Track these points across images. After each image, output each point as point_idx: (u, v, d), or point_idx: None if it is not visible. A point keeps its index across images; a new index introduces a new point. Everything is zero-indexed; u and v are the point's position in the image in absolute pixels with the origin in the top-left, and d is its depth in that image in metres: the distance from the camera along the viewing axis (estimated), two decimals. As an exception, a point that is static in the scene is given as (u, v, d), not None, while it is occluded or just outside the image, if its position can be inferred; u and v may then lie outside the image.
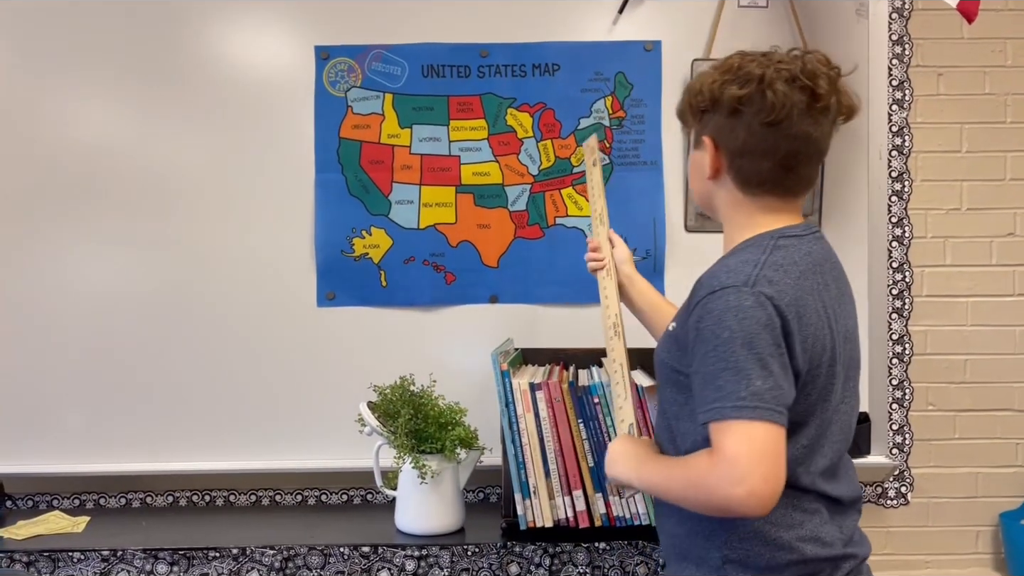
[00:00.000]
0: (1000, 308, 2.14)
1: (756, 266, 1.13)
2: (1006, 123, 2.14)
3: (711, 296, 1.11)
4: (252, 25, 2.03)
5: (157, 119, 2.02)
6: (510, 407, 1.67)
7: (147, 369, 2.02)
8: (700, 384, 1.11)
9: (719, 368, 1.08)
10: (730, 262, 1.16)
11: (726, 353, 1.07)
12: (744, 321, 1.07)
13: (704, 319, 1.11)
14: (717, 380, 1.07)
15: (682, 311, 1.22)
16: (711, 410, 1.07)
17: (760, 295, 1.09)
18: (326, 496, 2.07)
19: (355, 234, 2.03)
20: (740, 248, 1.20)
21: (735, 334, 1.07)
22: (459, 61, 2.03)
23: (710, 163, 1.22)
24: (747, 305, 1.08)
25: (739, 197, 1.22)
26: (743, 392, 1.05)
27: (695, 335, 1.12)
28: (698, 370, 1.11)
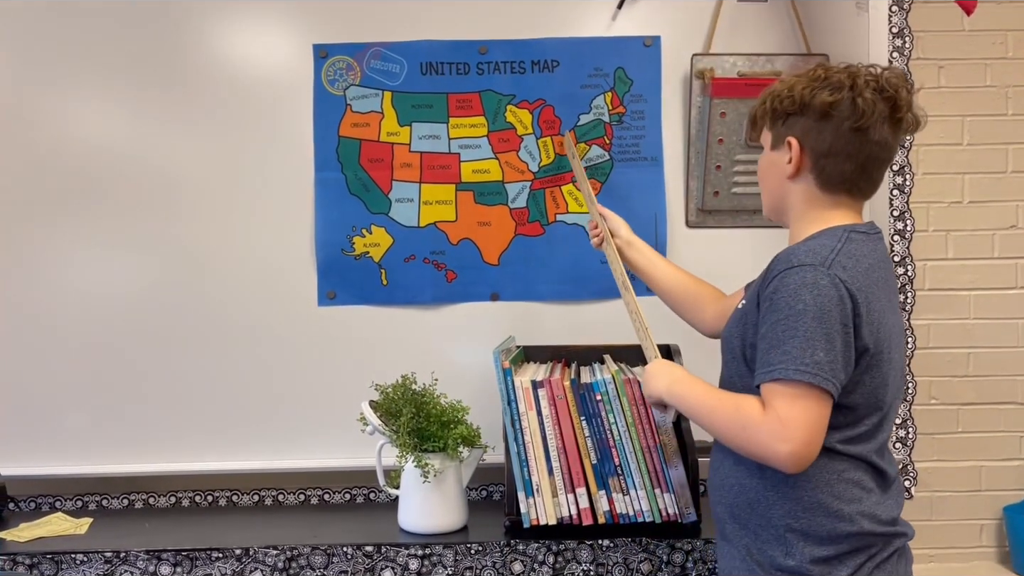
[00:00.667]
0: (1003, 301, 2.14)
1: (832, 251, 1.22)
2: (1007, 115, 2.13)
3: (789, 271, 1.20)
4: (250, 24, 2.02)
5: (155, 119, 2.01)
6: (512, 405, 1.66)
7: (148, 370, 2.02)
8: (765, 348, 1.20)
9: (787, 335, 1.17)
10: (809, 244, 1.25)
11: (796, 323, 1.17)
12: (819, 297, 1.17)
13: (780, 291, 1.20)
14: (784, 345, 1.17)
15: (753, 288, 1.31)
16: (772, 370, 1.18)
17: (835, 277, 1.18)
18: (329, 495, 2.07)
19: (355, 233, 2.03)
20: (814, 236, 1.28)
21: (808, 307, 1.17)
22: (458, 58, 2.03)
23: (793, 163, 1.31)
24: (823, 283, 1.18)
25: (817, 195, 1.32)
26: (807, 359, 1.15)
27: (768, 305, 1.21)
28: (765, 335, 1.21)
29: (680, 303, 1.70)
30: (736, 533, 1.32)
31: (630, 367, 1.84)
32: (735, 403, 1.25)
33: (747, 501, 1.29)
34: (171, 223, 2.02)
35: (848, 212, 1.32)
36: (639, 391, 1.66)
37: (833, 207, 1.31)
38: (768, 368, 1.19)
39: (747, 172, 2.01)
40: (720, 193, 2.03)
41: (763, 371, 1.20)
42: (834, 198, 1.31)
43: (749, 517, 1.29)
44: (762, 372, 1.20)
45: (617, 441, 1.65)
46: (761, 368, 1.21)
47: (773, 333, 1.20)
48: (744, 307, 1.33)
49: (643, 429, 1.66)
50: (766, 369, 1.19)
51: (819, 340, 1.16)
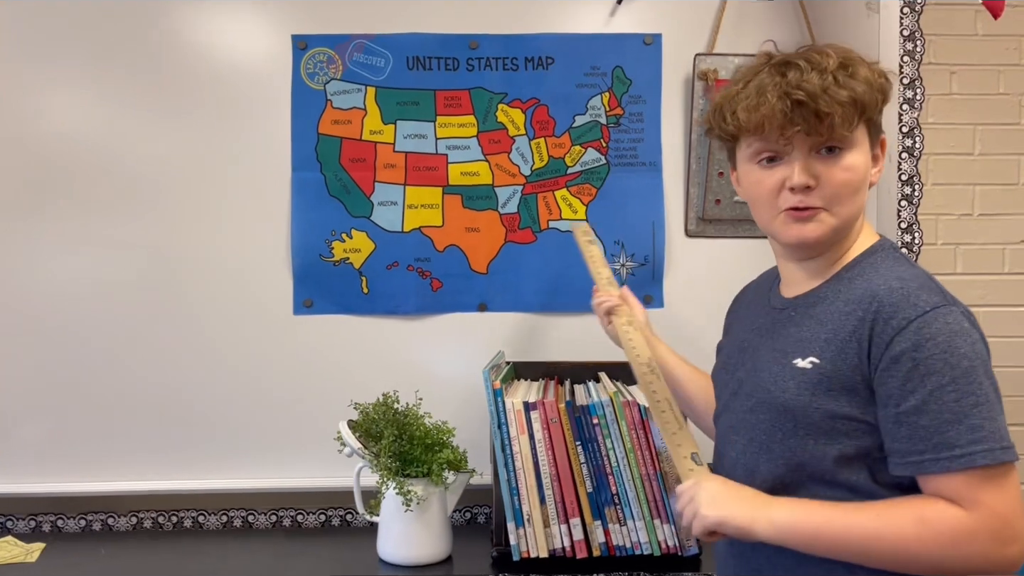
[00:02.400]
0: (1013, 318, 2.05)
1: (931, 279, 1.02)
2: (1020, 125, 2.04)
3: (925, 318, 0.96)
4: (224, 12, 1.88)
5: (122, 111, 1.87)
6: (503, 428, 1.55)
7: (109, 379, 1.88)
8: (934, 426, 0.94)
9: (969, 403, 0.93)
10: (902, 276, 1.01)
11: (970, 385, 0.94)
12: (975, 345, 0.96)
13: (924, 347, 0.95)
14: (968, 419, 0.93)
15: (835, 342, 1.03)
16: (973, 455, 0.92)
17: (968, 314, 0.99)
18: (303, 517, 1.94)
19: (335, 237, 1.90)
20: (876, 263, 1.06)
21: (974, 362, 0.94)
22: (447, 53, 1.90)
23: (881, 170, 1.09)
24: (967, 326, 0.97)
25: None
26: (1000, 430, 0.94)
27: (910, 366, 0.95)
28: (925, 408, 0.94)
29: (704, 411, 1.35)
30: None
31: (626, 386, 1.73)
32: (914, 515, 0.95)
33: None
34: (137, 222, 1.88)
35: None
36: (638, 414, 1.55)
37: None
38: (956, 452, 0.93)
39: (751, 180, 1.90)
40: (722, 201, 1.92)
41: (949, 456, 0.93)
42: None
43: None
44: (948, 458, 0.93)
45: (614, 468, 1.54)
46: (940, 452, 0.93)
47: (940, 404, 0.94)
48: (820, 367, 1.02)
49: (642, 455, 1.55)
50: (951, 453, 0.93)
51: (997, 401, 0.95)
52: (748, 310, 1.27)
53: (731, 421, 1.16)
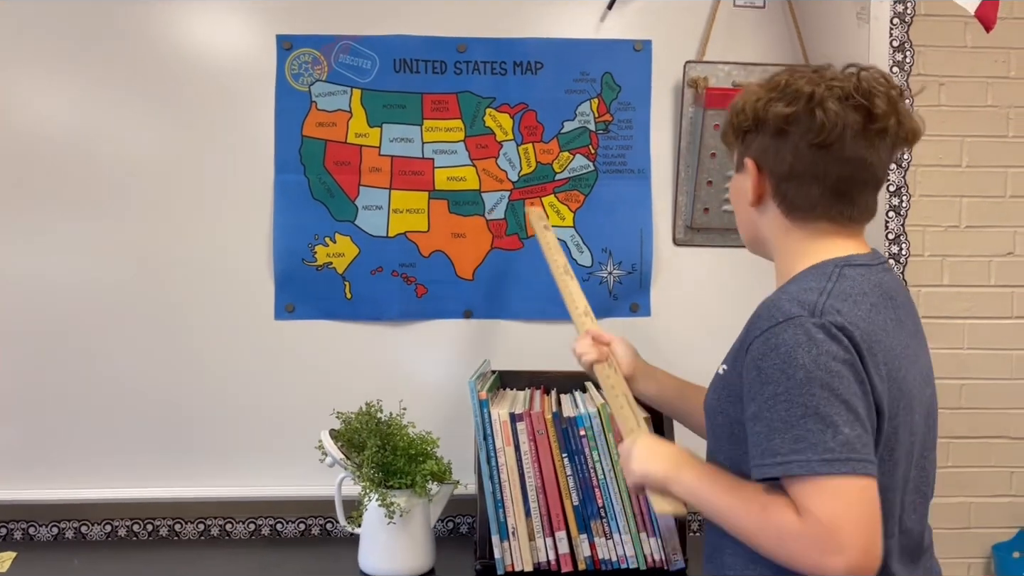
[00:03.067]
0: (998, 331, 2.05)
1: (821, 294, 1.01)
2: (1008, 137, 2.05)
3: (774, 329, 0.98)
4: (208, 9, 1.84)
5: (101, 109, 1.82)
6: (488, 440, 1.52)
7: (84, 384, 1.83)
8: (764, 432, 0.96)
9: (795, 415, 0.94)
10: (790, 289, 1.04)
11: (802, 396, 0.94)
12: (820, 357, 0.95)
13: (768, 356, 0.97)
14: (794, 429, 0.94)
15: (734, 349, 1.09)
16: (789, 463, 0.93)
17: (831, 326, 0.97)
18: (282, 526, 1.90)
19: (318, 241, 1.87)
20: (798, 278, 1.08)
21: (811, 373, 0.94)
22: (434, 56, 1.87)
23: (752, 188, 1.12)
24: (819, 338, 0.96)
25: (786, 224, 1.11)
26: (830, 443, 0.92)
27: (755, 374, 0.98)
28: (760, 415, 0.97)
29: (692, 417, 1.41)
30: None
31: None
32: (760, 504, 0.98)
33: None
34: (115, 222, 1.84)
35: (836, 242, 1.09)
36: (626, 426, 1.53)
37: (813, 237, 1.10)
38: (780, 461, 0.94)
39: (740, 189, 1.89)
40: (710, 210, 1.91)
41: (770, 463, 0.95)
42: (811, 226, 1.10)
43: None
44: (770, 464, 0.95)
45: (601, 481, 1.52)
46: (766, 458, 0.96)
47: (771, 412, 0.96)
48: (726, 373, 1.09)
49: (629, 468, 1.52)
50: (774, 461, 0.95)
51: (838, 412, 0.93)
52: None
53: None
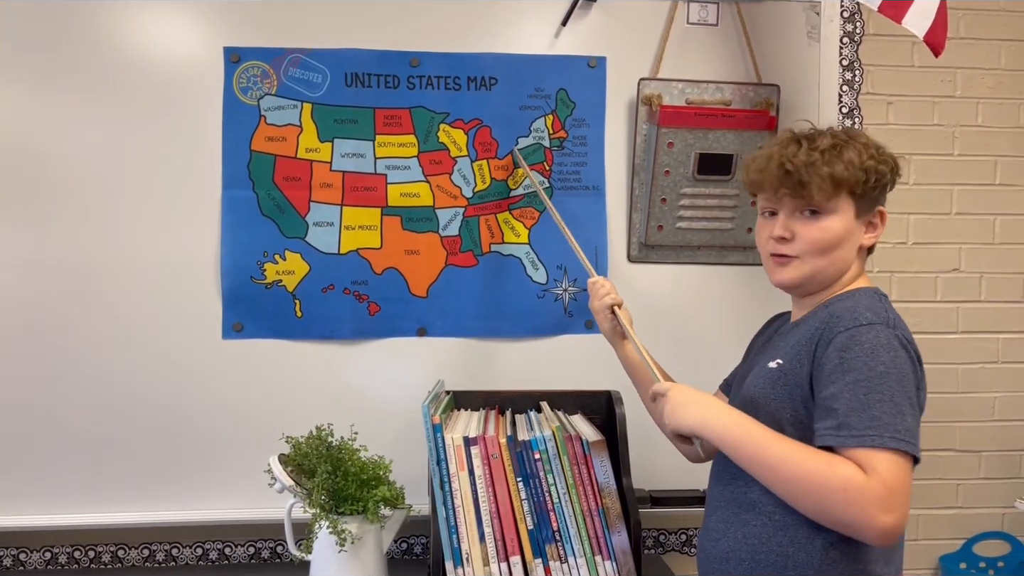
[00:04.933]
0: (943, 345, 2.09)
1: (888, 311, 1.19)
2: (953, 155, 2.09)
3: (860, 328, 1.14)
4: (153, 19, 1.79)
5: (41, 118, 1.76)
6: (442, 465, 1.50)
7: (20, 405, 1.77)
8: (843, 410, 1.11)
9: (874, 398, 1.10)
10: (862, 302, 1.19)
11: (881, 386, 1.10)
12: (896, 359, 1.12)
13: (852, 349, 1.13)
14: (870, 410, 1.09)
15: (796, 345, 1.22)
16: (864, 436, 1.08)
17: (903, 338, 1.15)
18: (230, 549, 1.86)
19: (267, 258, 1.82)
20: (853, 295, 1.23)
21: (889, 369, 1.11)
22: (387, 70, 1.84)
23: (880, 232, 1.30)
24: (895, 344, 1.13)
25: (862, 260, 1.29)
26: (899, 426, 1.08)
27: (837, 363, 1.13)
28: (839, 396, 1.12)
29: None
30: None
31: (568, 416, 1.70)
32: (827, 459, 1.11)
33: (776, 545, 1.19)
34: (53, 235, 1.77)
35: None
36: (581, 449, 1.52)
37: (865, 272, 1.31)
38: (853, 432, 1.09)
39: (693, 207, 1.89)
40: (664, 228, 1.91)
41: (846, 435, 1.10)
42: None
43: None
44: (845, 436, 1.10)
45: (556, 504, 1.51)
46: (842, 431, 1.10)
47: (852, 394, 1.11)
48: (783, 367, 1.22)
49: (584, 491, 1.52)
50: (850, 433, 1.10)
51: (905, 405, 1.10)
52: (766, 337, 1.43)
53: None
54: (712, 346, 1.87)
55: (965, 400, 2.10)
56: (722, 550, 1.25)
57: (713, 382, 1.49)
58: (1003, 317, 2.11)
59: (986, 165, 2.10)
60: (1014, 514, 2.11)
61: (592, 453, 1.52)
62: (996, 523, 2.12)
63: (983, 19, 2.08)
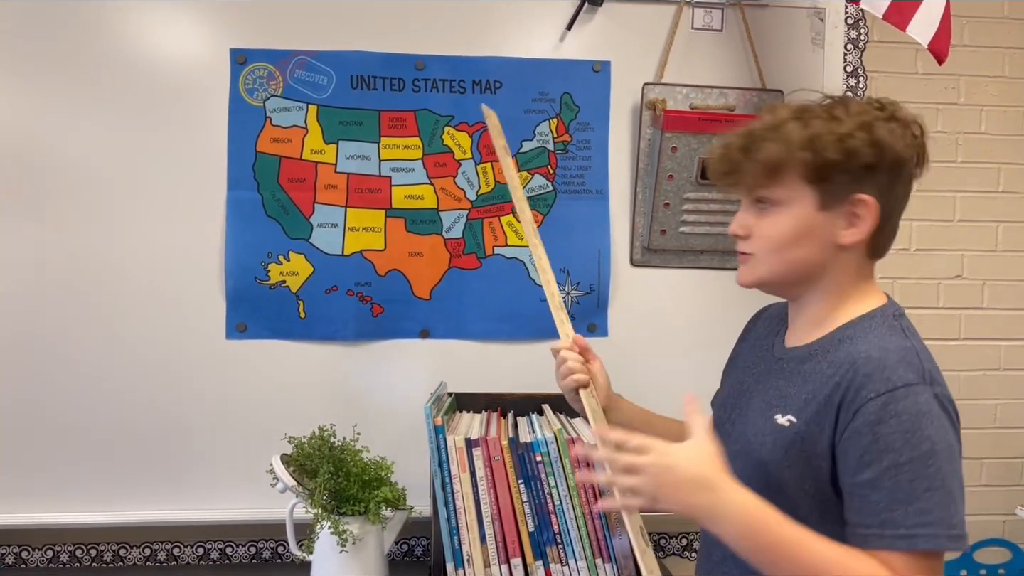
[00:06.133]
0: (946, 352, 2.09)
1: (918, 356, 0.99)
2: (957, 162, 2.09)
3: (894, 394, 0.94)
4: (161, 20, 1.80)
5: (48, 117, 1.77)
6: (444, 467, 1.50)
7: (23, 404, 1.77)
8: (885, 501, 0.94)
9: (922, 486, 0.92)
10: (887, 347, 0.98)
11: (930, 469, 0.93)
12: (941, 431, 0.94)
13: (887, 422, 0.94)
14: (918, 502, 0.92)
15: (814, 403, 1.02)
16: (915, 537, 0.92)
17: (943, 397, 0.97)
18: (232, 549, 1.86)
19: (271, 259, 1.83)
20: (868, 327, 1.03)
21: (937, 447, 0.93)
22: (392, 73, 1.85)
23: (866, 228, 1.03)
24: (936, 411, 0.94)
25: (864, 264, 1.07)
26: (955, 519, 0.93)
27: (870, 440, 0.95)
28: (878, 483, 0.94)
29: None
30: None
31: (570, 419, 1.70)
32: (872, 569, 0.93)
33: None
34: (59, 234, 1.78)
35: (876, 283, 1.09)
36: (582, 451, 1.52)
37: (870, 279, 1.08)
38: (901, 531, 0.92)
39: (696, 211, 1.90)
40: (667, 232, 1.91)
41: (893, 534, 0.93)
42: (872, 267, 1.08)
43: None
44: (892, 536, 0.93)
45: (557, 507, 1.51)
46: (887, 528, 0.93)
47: (894, 482, 0.93)
48: (796, 427, 1.02)
49: (585, 493, 1.52)
50: (897, 532, 0.92)
51: (957, 489, 0.94)
52: (755, 345, 1.24)
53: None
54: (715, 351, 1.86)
55: (967, 407, 2.08)
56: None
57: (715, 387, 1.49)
58: (1005, 324, 2.11)
59: (989, 172, 2.10)
60: (1015, 521, 2.11)
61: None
62: (997, 530, 2.12)
63: (987, 27, 2.09)
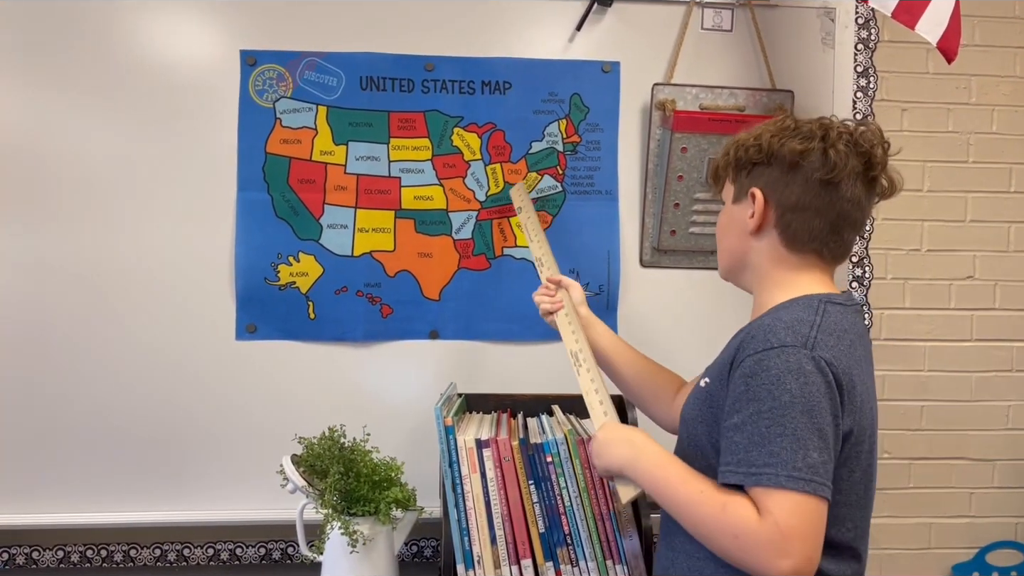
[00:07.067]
0: (958, 353, 2.09)
1: (812, 327, 1.09)
2: (968, 162, 2.08)
3: (768, 352, 1.07)
4: (170, 22, 1.80)
5: (58, 119, 1.77)
6: (454, 467, 1.50)
7: (34, 406, 1.78)
8: (744, 444, 1.06)
9: (774, 432, 1.04)
10: (783, 317, 1.11)
11: (783, 418, 1.04)
12: (806, 386, 1.04)
13: (759, 375, 1.06)
14: (770, 444, 1.03)
15: (718, 364, 1.18)
16: (760, 475, 1.03)
17: (820, 360, 1.06)
18: (241, 550, 1.86)
19: (281, 260, 1.83)
20: (785, 306, 1.16)
21: (795, 399, 1.04)
22: (402, 74, 1.85)
23: (756, 217, 1.20)
24: (808, 369, 1.05)
25: (783, 253, 1.20)
26: (799, 463, 1.02)
27: (743, 390, 1.07)
28: (742, 426, 1.07)
29: (643, 394, 1.53)
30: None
31: (580, 420, 1.70)
32: (722, 501, 1.06)
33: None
34: (69, 236, 1.78)
35: (820, 277, 1.20)
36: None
37: (801, 269, 1.20)
38: (751, 470, 1.04)
39: (706, 212, 1.89)
40: (677, 232, 1.91)
41: (744, 471, 1.05)
42: (802, 258, 1.20)
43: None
44: (744, 473, 1.05)
45: (568, 508, 1.51)
46: (741, 467, 1.05)
47: (754, 427, 1.05)
48: (708, 387, 1.18)
49: (596, 494, 1.51)
50: (748, 470, 1.04)
51: (811, 438, 1.03)
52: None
53: None
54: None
55: (978, 408, 2.09)
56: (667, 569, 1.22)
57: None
58: (1018, 325, 2.10)
59: (1001, 172, 2.09)
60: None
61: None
62: (1009, 532, 2.11)
63: (998, 26, 2.08)
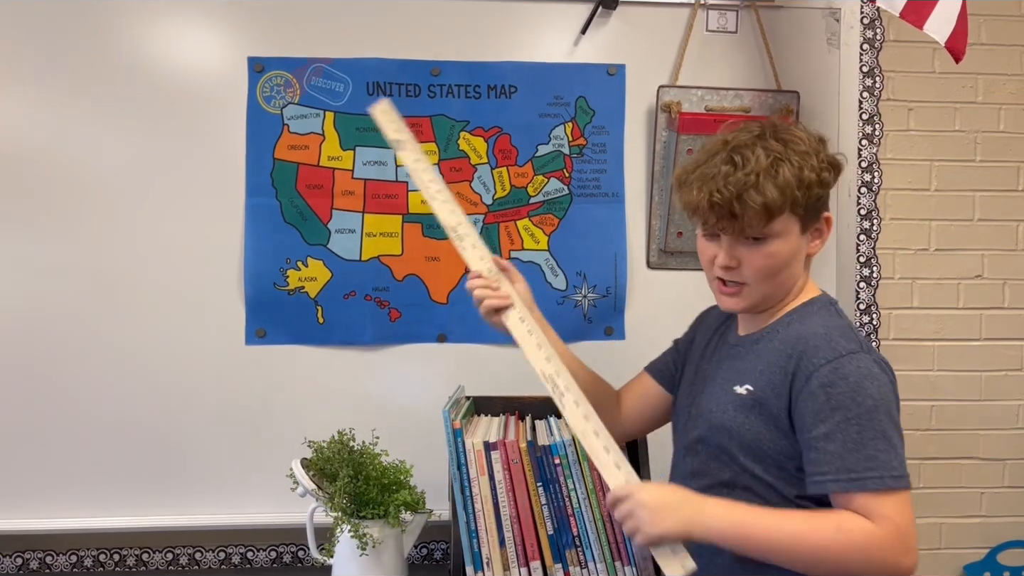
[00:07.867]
0: (966, 353, 2.08)
1: (851, 329, 1.18)
2: (975, 161, 2.07)
3: (840, 360, 1.12)
4: (179, 30, 1.82)
5: (67, 126, 1.79)
6: (462, 469, 1.50)
7: (47, 410, 1.80)
8: (839, 451, 1.10)
9: (867, 436, 1.09)
10: (827, 323, 1.19)
11: (872, 421, 1.09)
12: (882, 388, 1.11)
13: (837, 384, 1.11)
14: (865, 449, 1.09)
15: (769, 374, 1.19)
16: (864, 479, 1.08)
17: (882, 361, 1.15)
18: (252, 553, 1.87)
19: (289, 265, 1.85)
20: (811, 311, 1.23)
21: (878, 402, 1.10)
22: (408, 79, 1.86)
23: (827, 237, 1.25)
24: (876, 372, 1.12)
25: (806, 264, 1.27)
26: (894, 462, 1.09)
27: (823, 399, 1.12)
28: (831, 436, 1.11)
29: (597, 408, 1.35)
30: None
31: (588, 422, 1.70)
32: (832, 524, 1.10)
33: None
34: (80, 242, 1.80)
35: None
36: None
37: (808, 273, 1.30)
38: (852, 475, 1.09)
39: (713, 213, 1.89)
40: (684, 234, 1.91)
41: (846, 479, 1.09)
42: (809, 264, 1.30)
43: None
44: (846, 480, 1.09)
45: (576, 509, 1.51)
46: (841, 474, 1.10)
47: (845, 434, 1.10)
48: (754, 395, 1.20)
49: (604, 496, 1.51)
50: (850, 476, 1.09)
51: (896, 437, 1.11)
52: (707, 336, 1.41)
53: (686, 441, 1.33)
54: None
55: (989, 408, 2.09)
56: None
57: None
58: (1027, 324, 2.10)
59: (1008, 171, 2.08)
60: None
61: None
62: (1021, 532, 2.10)
63: (1005, 25, 2.08)
